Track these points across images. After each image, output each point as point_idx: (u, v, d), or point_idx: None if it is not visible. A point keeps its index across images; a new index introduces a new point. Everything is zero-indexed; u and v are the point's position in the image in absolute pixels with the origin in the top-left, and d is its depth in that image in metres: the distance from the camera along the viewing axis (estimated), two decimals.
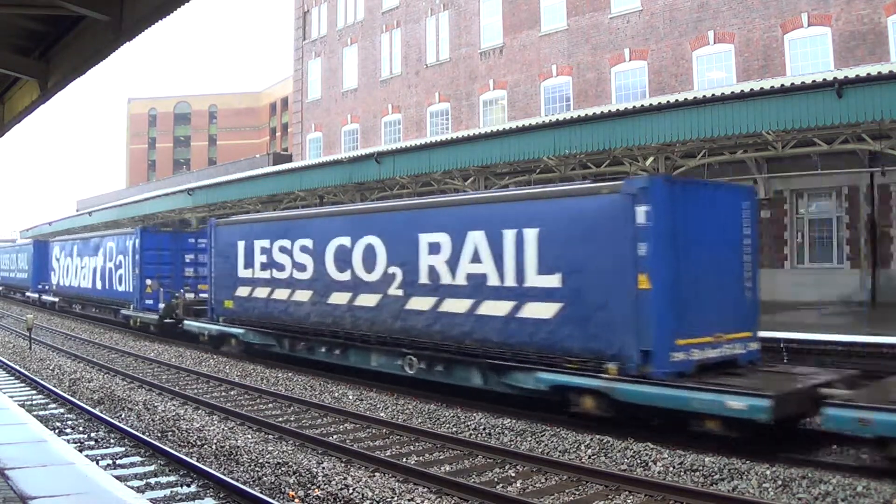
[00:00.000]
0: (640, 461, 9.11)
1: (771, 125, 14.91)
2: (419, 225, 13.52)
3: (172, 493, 8.15)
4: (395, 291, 13.82)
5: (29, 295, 40.66)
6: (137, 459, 9.55)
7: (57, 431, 10.62)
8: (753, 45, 23.95)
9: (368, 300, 14.46)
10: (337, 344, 15.42)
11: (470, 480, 8.51)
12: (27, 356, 19.56)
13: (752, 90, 15.10)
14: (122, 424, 11.22)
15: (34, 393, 14.40)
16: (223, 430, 11.14)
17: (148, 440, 10.14)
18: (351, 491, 7.89)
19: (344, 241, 15.15)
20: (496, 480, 8.63)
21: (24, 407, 11.47)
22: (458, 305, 12.53)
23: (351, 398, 13.62)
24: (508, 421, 11.27)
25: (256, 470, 8.83)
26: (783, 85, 14.60)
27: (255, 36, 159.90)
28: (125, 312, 25.61)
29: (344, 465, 9.30)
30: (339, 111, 40.41)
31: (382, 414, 12.25)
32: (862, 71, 14.09)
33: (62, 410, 12.73)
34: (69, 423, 11.71)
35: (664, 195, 10.22)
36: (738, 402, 9.03)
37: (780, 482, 8.09)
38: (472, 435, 10.70)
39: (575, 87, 28.86)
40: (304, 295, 16.25)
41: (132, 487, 7.78)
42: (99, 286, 28.34)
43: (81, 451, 9.15)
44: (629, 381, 10.06)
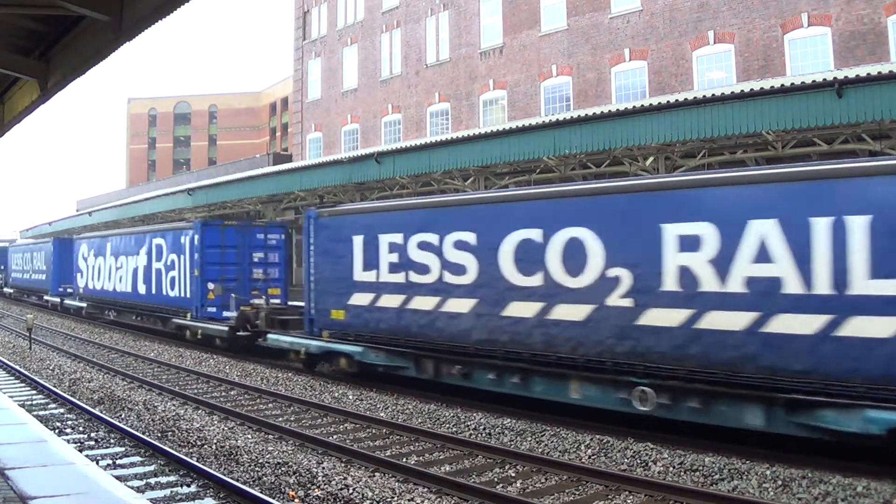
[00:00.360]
0: (640, 461, 9.11)
1: (771, 125, 14.91)
2: (662, 212, 10.31)
3: (172, 493, 8.15)
4: (618, 301, 10.61)
5: (48, 299, 36.55)
6: (137, 459, 9.55)
7: (57, 431, 10.63)
8: (753, 45, 23.95)
9: (571, 312, 11.11)
10: (514, 369, 11.88)
11: (470, 480, 8.52)
12: (27, 356, 19.56)
13: (752, 90, 15.09)
14: (122, 424, 11.22)
15: (34, 393, 14.40)
16: (223, 430, 11.14)
17: (148, 440, 10.14)
18: (351, 491, 7.89)
19: (530, 234, 11.71)
20: (496, 480, 8.63)
21: (24, 407, 11.48)
22: (731, 320, 9.48)
23: (351, 398, 13.62)
24: (508, 421, 11.27)
25: (256, 470, 8.83)
26: (783, 85, 14.60)
27: (255, 36, 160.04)
28: (179, 321, 21.70)
29: (344, 465, 9.30)
30: (339, 111, 40.41)
31: (382, 414, 12.25)
32: (862, 71, 14.09)
33: (62, 410, 12.73)
34: (69, 423, 11.71)
35: None
36: None
37: (780, 482, 8.09)
38: (472, 435, 10.70)
39: (575, 87, 28.86)
40: (461, 304, 12.69)
41: (132, 487, 7.78)
42: (142, 290, 24.17)
43: (81, 451, 9.16)
44: None
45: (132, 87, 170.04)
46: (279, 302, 19.26)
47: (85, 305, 29.81)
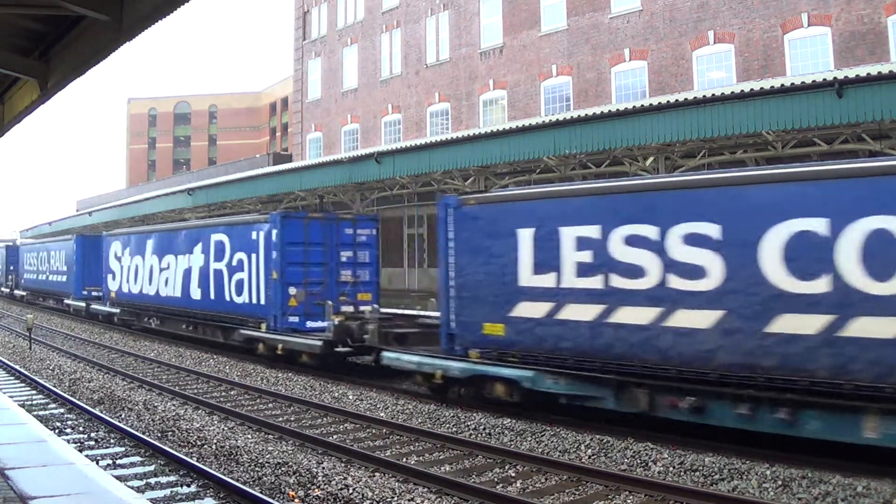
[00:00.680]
0: (640, 461, 9.11)
1: (771, 125, 14.92)
2: None
3: (172, 493, 8.16)
4: None
5: (70, 303, 32.41)
6: (137, 459, 9.56)
7: (57, 431, 10.63)
8: (753, 45, 23.95)
9: (880, 328, 8.46)
10: (779, 402, 9.15)
11: (470, 480, 8.52)
12: (27, 356, 19.56)
13: (752, 90, 15.10)
14: (122, 424, 11.22)
15: (34, 393, 14.41)
16: (223, 429, 11.14)
17: (148, 440, 10.14)
18: (351, 491, 7.89)
19: (810, 225, 9.02)
20: (496, 480, 8.63)
21: (24, 407, 11.48)
22: None
23: (351, 398, 13.62)
24: (508, 421, 11.27)
25: (256, 470, 8.83)
26: (783, 85, 14.60)
27: (255, 36, 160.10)
28: (249, 333, 17.99)
29: (344, 465, 9.30)
30: (339, 111, 40.42)
31: (382, 414, 12.25)
32: (862, 71, 14.09)
33: (62, 410, 12.73)
34: (69, 423, 11.71)
35: None
36: None
37: (780, 482, 8.09)
38: (472, 435, 10.70)
39: (575, 87, 28.86)
40: (696, 317, 9.91)
41: (132, 487, 7.78)
42: (196, 295, 20.50)
43: (81, 451, 9.16)
44: None
45: (132, 87, 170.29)
46: (370, 309, 16.52)
47: (118, 311, 26.00)
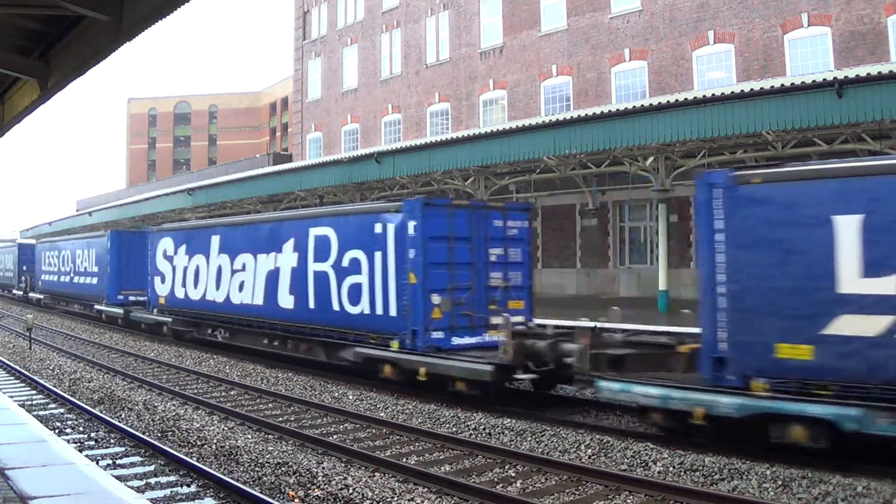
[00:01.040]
0: (640, 461, 9.11)
1: (771, 125, 14.93)
2: None
3: (172, 493, 8.15)
4: None
5: (102, 309, 27.92)
6: (137, 459, 9.55)
7: (57, 431, 10.62)
8: (753, 45, 23.95)
9: None
10: None
11: (470, 480, 8.51)
12: (27, 356, 19.56)
13: (752, 90, 15.11)
14: (122, 424, 11.22)
15: (34, 393, 14.40)
16: (223, 429, 11.14)
17: (148, 440, 10.14)
18: (351, 491, 7.89)
19: None
20: (496, 480, 8.63)
21: (24, 407, 11.48)
22: None
23: (351, 398, 13.62)
24: (508, 421, 11.27)
25: (256, 470, 8.83)
26: (783, 85, 14.61)
27: (255, 36, 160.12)
28: (374, 353, 14.19)
29: (344, 465, 9.30)
30: (339, 111, 40.43)
31: (382, 414, 12.24)
32: (862, 71, 14.10)
33: (62, 410, 12.73)
34: (69, 423, 11.71)
35: None
36: None
37: (780, 482, 8.09)
38: (472, 435, 10.69)
39: (575, 87, 28.87)
40: None
41: (132, 487, 7.78)
42: (287, 303, 16.56)
43: (81, 451, 9.15)
44: None
45: (132, 87, 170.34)
46: (523, 320, 13.77)
47: (168, 320, 21.95)
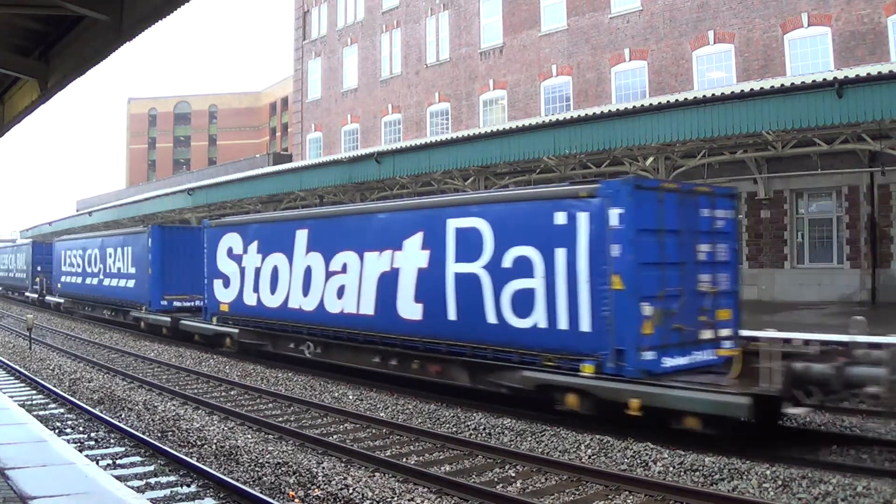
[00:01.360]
0: (640, 461, 9.10)
1: (771, 125, 14.92)
2: None
3: (172, 493, 8.15)
4: None
5: (143, 317, 24.14)
6: (137, 459, 9.55)
7: (57, 431, 10.62)
8: (753, 45, 23.95)
9: None
10: None
11: (470, 480, 8.51)
12: (27, 356, 19.56)
13: (752, 90, 15.10)
14: (122, 424, 11.22)
15: (34, 393, 14.41)
16: (223, 429, 11.14)
17: (148, 440, 10.14)
18: (351, 491, 7.89)
19: None
20: (496, 480, 8.63)
21: (24, 407, 11.48)
22: None
23: (351, 398, 13.62)
24: (508, 421, 11.26)
25: (256, 470, 8.83)
26: (783, 85, 14.60)
27: (255, 36, 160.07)
28: (556, 379, 11.09)
29: (344, 465, 9.30)
30: (339, 111, 40.42)
31: (382, 414, 12.24)
32: (862, 71, 14.09)
33: (62, 410, 12.73)
34: (69, 423, 11.71)
35: None
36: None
37: (780, 482, 8.09)
38: (472, 435, 10.69)
39: (575, 87, 28.86)
40: None
41: (132, 487, 7.78)
42: (412, 314, 13.45)
43: (81, 451, 9.15)
44: None
45: (132, 87, 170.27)
46: (731, 334, 11.17)
47: (234, 332, 18.67)
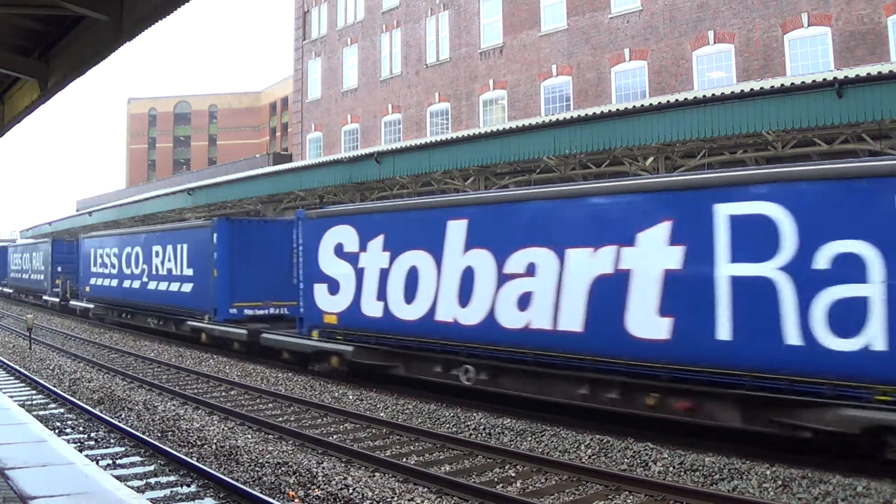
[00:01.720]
0: (640, 461, 9.11)
1: (771, 125, 14.90)
2: None
3: (172, 493, 8.15)
4: None
5: (203, 327, 20.42)
6: (137, 459, 9.55)
7: (57, 431, 10.62)
8: (753, 45, 23.94)
9: None
10: None
11: (470, 480, 8.51)
12: (27, 356, 19.56)
13: (752, 90, 15.09)
14: (122, 424, 11.22)
15: (34, 393, 14.40)
16: (223, 429, 11.14)
17: (148, 440, 10.14)
18: (351, 491, 7.89)
19: None
20: (496, 480, 8.63)
21: (24, 407, 11.48)
22: None
23: (351, 398, 13.62)
24: (508, 421, 11.27)
25: (256, 470, 8.83)
26: (783, 85, 14.59)
27: (255, 36, 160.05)
28: None
29: (344, 465, 9.30)
30: (339, 111, 40.41)
31: (382, 414, 12.24)
32: (862, 71, 14.08)
33: (62, 410, 12.73)
34: (69, 423, 11.71)
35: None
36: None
37: (780, 482, 8.09)
38: (472, 435, 10.70)
39: (575, 87, 28.85)
40: None
41: (132, 487, 7.78)
42: (653, 332, 10.08)
43: (81, 450, 9.16)
44: None
45: (132, 87, 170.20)
46: None
47: (349, 349, 14.92)
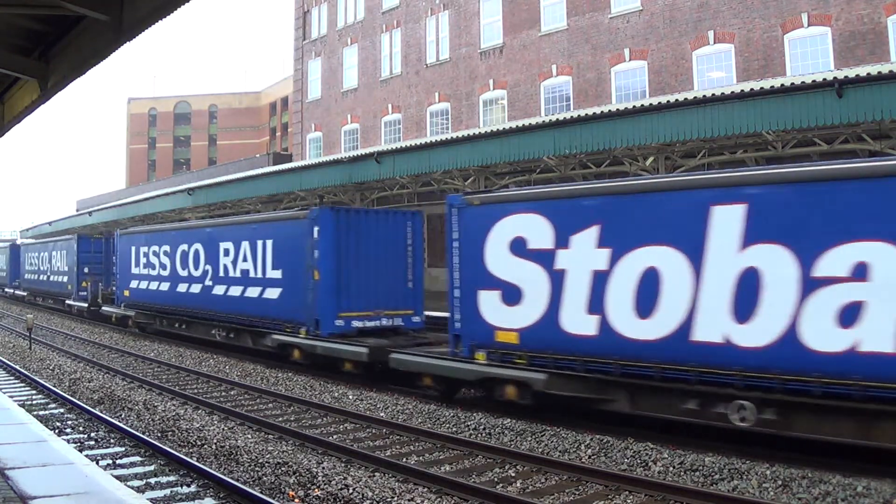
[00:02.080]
0: (640, 461, 9.11)
1: (771, 125, 14.90)
2: None
3: (172, 492, 8.15)
4: None
5: (303, 343, 15.93)
6: (137, 459, 9.55)
7: (57, 431, 10.62)
8: (753, 45, 23.94)
9: None
10: None
11: (470, 480, 8.51)
12: (27, 356, 19.56)
13: (752, 90, 15.08)
14: (122, 424, 11.22)
15: (34, 393, 14.41)
16: (223, 429, 11.14)
17: (148, 440, 10.14)
18: (351, 491, 7.89)
19: None
20: (496, 480, 8.63)
21: (24, 407, 11.48)
22: None
23: (351, 398, 13.62)
24: (508, 421, 11.27)
25: (256, 470, 8.83)
26: (783, 85, 14.59)
27: (255, 36, 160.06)
28: None
29: (344, 465, 9.30)
30: (339, 111, 40.41)
31: (382, 414, 12.24)
32: (862, 71, 14.07)
33: (62, 410, 12.73)
34: (69, 422, 11.71)
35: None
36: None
37: (780, 482, 8.09)
38: (472, 435, 10.70)
39: (575, 87, 28.85)
40: None
41: (132, 487, 7.78)
42: None
43: (81, 450, 9.16)
44: None
45: (132, 87, 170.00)
46: None
47: (540, 378, 11.17)
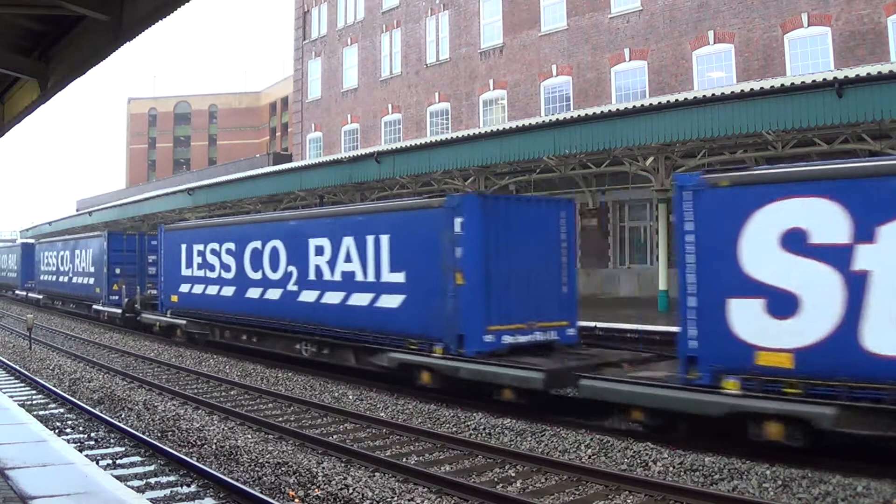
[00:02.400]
0: (640, 461, 9.11)
1: (771, 125, 14.92)
2: None
3: (172, 492, 8.15)
4: None
5: (440, 364, 12.65)
6: (137, 459, 9.55)
7: (57, 431, 10.62)
8: (753, 44, 23.94)
9: None
10: None
11: (470, 480, 8.51)
12: (27, 356, 19.56)
13: (752, 90, 15.10)
14: (122, 424, 11.22)
15: (34, 393, 14.40)
16: (223, 429, 11.14)
17: (148, 440, 10.14)
18: (351, 491, 7.89)
19: None
20: (496, 480, 8.63)
21: (24, 407, 11.48)
22: None
23: (351, 398, 13.62)
24: (508, 421, 11.27)
25: (256, 470, 8.83)
26: (783, 85, 14.60)
27: (255, 36, 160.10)
28: None
29: (344, 465, 9.30)
30: (339, 111, 40.42)
31: (382, 414, 12.24)
32: (862, 71, 14.08)
33: (62, 410, 12.73)
34: (69, 422, 11.71)
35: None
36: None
37: (780, 482, 8.09)
38: (472, 435, 10.69)
39: (575, 86, 28.86)
40: None
41: (132, 487, 7.77)
42: None
43: (81, 450, 9.15)
44: None
45: (132, 87, 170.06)
46: None
47: (827, 414, 8.23)
